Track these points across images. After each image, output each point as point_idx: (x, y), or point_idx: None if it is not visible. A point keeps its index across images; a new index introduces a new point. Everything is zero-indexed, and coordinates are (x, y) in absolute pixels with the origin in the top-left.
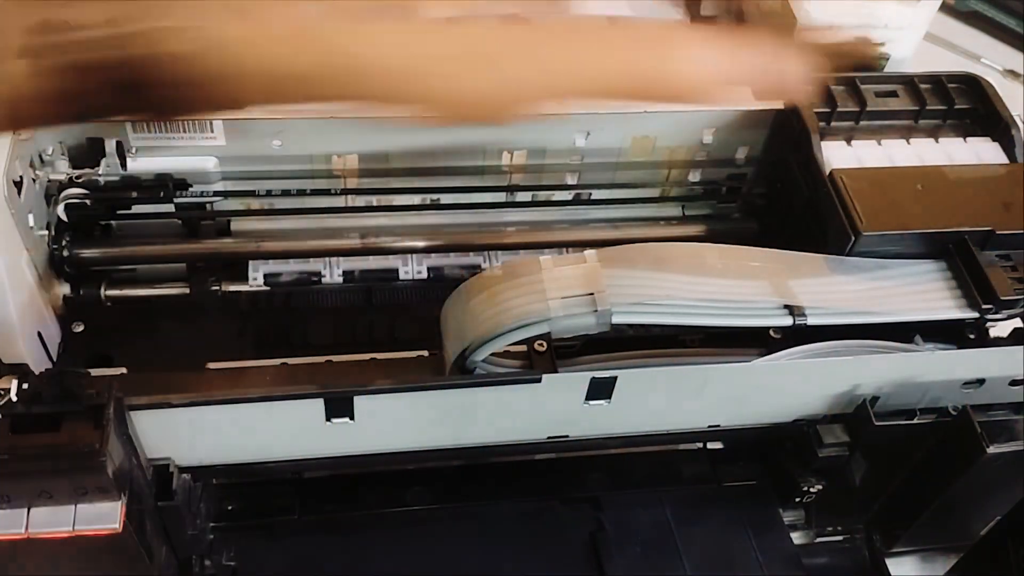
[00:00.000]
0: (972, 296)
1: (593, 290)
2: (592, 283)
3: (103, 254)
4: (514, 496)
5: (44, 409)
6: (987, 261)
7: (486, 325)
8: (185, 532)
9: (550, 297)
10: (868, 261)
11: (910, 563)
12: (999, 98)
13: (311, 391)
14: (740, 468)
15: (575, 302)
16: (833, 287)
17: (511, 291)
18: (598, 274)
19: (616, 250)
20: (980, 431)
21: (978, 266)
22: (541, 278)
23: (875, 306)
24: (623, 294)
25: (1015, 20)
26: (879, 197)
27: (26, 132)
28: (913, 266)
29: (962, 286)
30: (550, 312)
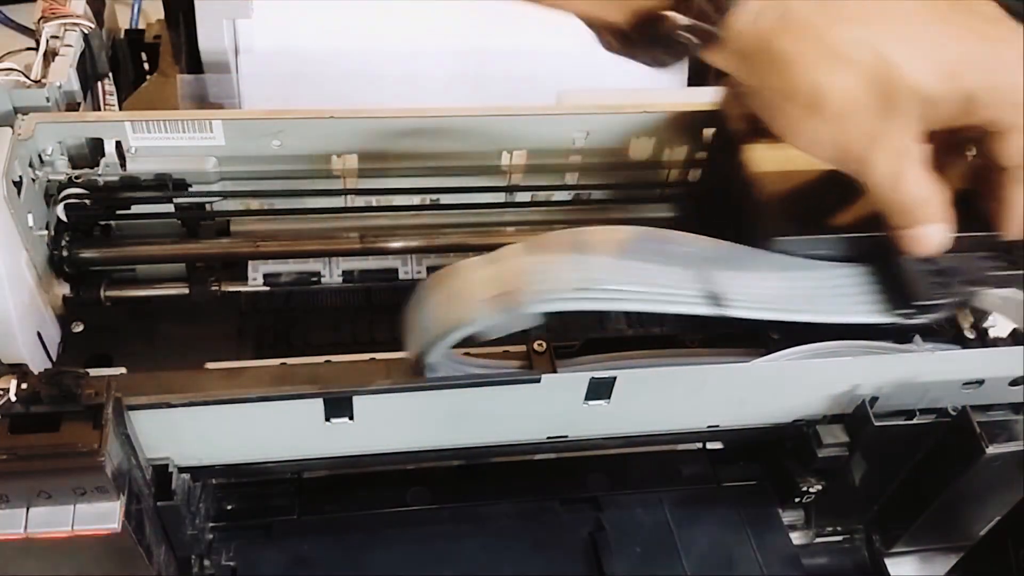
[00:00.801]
0: (893, 299)
1: (513, 287)
2: (512, 279)
3: (103, 254)
4: (514, 496)
5: (43, 409)
6: (909, 264)
7: (425, 335)
8: (184, 532)
9: (472, 300)
10: (797, 260)
11: (910, 563)
12: None
13: (310, 391)
14: (739, 468)
15: (496, 302)
16: (759, 281)
17: (436, 298)
18: (518, 269)
19: (539, 239)
20: (979, 431)
21: (899, 270)
22: (460, 283)
23: (799, 304)
24: (543, 287)
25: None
26: (801, 199)
27: (26, 132)
28: (839, 267)
29: (884, 289)
30: (473, 315)
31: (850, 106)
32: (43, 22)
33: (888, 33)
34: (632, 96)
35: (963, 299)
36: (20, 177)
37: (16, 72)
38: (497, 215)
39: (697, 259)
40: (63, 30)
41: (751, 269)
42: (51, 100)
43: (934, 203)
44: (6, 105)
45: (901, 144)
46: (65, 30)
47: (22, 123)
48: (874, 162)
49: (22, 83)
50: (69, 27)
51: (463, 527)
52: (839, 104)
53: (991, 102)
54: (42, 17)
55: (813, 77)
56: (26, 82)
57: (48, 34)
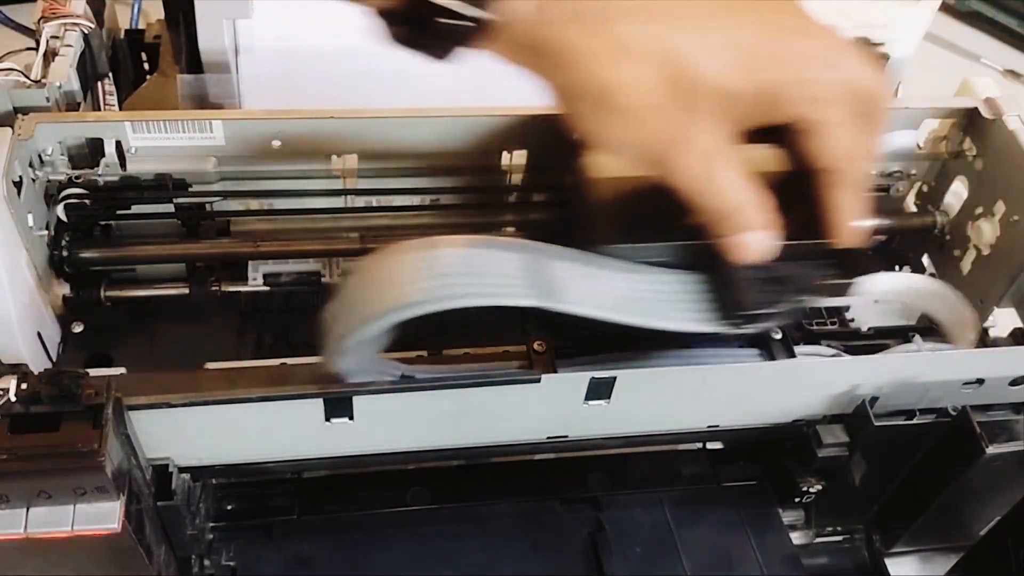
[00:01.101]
0: (722, 308)
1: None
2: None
3: (103, 254)
4: (514, 496)
5: (43, 409)
6: (739, 273)
7: (344, 329)
8: (184, 532)
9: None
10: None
11: (910, 563)
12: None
13: (310, 391)
14: (740, 468)
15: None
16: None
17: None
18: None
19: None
20: (980, 431)
21: (729, 278)
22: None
23: (629, 307)
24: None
25: (1015, 20)
26: (634, 205)
27: (26, 132)
28: (673, 274)
29: (714, 298)
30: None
31: (644, 103)
32: (43, 22)
33: (679, 26)
34: None
35: (793, 308)
36: (20, 177)
37: (16, 72)
38: (497, 215)
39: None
40: (63, 30)
41: (586, 271)
42: (51, 100)
43: (753, 208)
44: (6, 105)
45: (708, 144)
46: (65, 30)
47: (22, 123)
48: (680, 163)
49: (22, 83)
50: (69, 27)
51: (463, 527)
52: (633, 101)
53: (792, 97)
54: (42, 17)
55: (602, 73)
56: (26, 82)
57: (48, 34)
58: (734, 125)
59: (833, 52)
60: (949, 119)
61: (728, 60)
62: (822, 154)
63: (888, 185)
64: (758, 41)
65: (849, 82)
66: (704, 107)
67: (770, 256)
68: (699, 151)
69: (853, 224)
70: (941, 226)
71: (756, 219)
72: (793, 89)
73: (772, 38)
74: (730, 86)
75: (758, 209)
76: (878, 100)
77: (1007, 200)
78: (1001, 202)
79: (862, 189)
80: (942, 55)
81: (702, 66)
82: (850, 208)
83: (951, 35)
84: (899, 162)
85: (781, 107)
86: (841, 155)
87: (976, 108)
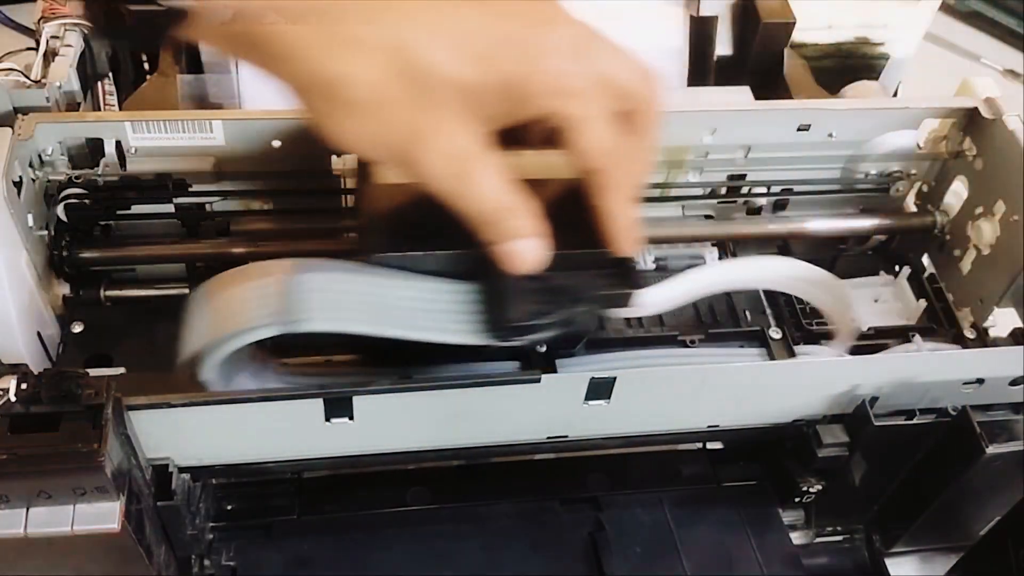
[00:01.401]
0: (491, 319)
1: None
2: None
3: (103, 254)
4: (514, 496)
5: (43, 409)
6: (512, 282)
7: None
8: (184, 532)
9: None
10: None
11: (910, 563)
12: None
13: (311, 391)
14: (740, 468)
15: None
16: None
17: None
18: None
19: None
20: (979, 431)
21: (501, 288)
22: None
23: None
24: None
25: (1015, 20)
26: (411, 214)
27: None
28: (441, 283)
29: (486, 308)
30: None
31: (374, 97)
32: (43, 22)
33: (409, 16)
34: None
35: (567, 318)
36: (20, 177)
37: (16, 72)
38: None
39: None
40: (63, 30)
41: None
42: (51, 100)
43: (519, 215)
44: (6, 105)
45: (457, 144)
46: (65, 30)
47: (22, 123)
48: (425, 162)
49: (22, 83)
50: (69, 27)
51: (463, 527)
52: (361, 95)
53: (535, 90)
54: (42, 17)
55: (327, 66)
56: (26, 82)
57: (48, 34)
58: (486, 123)
59: (584, 45)
60: (949, 119)
61: (463, 51)
62: (579, 153)
63: (888, 185)
64: (496, 31)
65: (603, 76)
66: (443, 102)
67: (543, 266)
68: (445, 150)
69: (628, 231)
70: (941, 226)
71: (523, 226)
72: (535, 81)
73: (512, 28)
74: (466, 79)
75: (525, 216)
76: (641, 98)
77: (1007, 200)
78: (1001, 202)
79: (632, 193)
80: (942, 55)
81: (434, 58)
82: (621, 214)
83: (951, 35)
84: (899, 162)
85: (527, 101)
86: (598, 153)
87: (976, 108)
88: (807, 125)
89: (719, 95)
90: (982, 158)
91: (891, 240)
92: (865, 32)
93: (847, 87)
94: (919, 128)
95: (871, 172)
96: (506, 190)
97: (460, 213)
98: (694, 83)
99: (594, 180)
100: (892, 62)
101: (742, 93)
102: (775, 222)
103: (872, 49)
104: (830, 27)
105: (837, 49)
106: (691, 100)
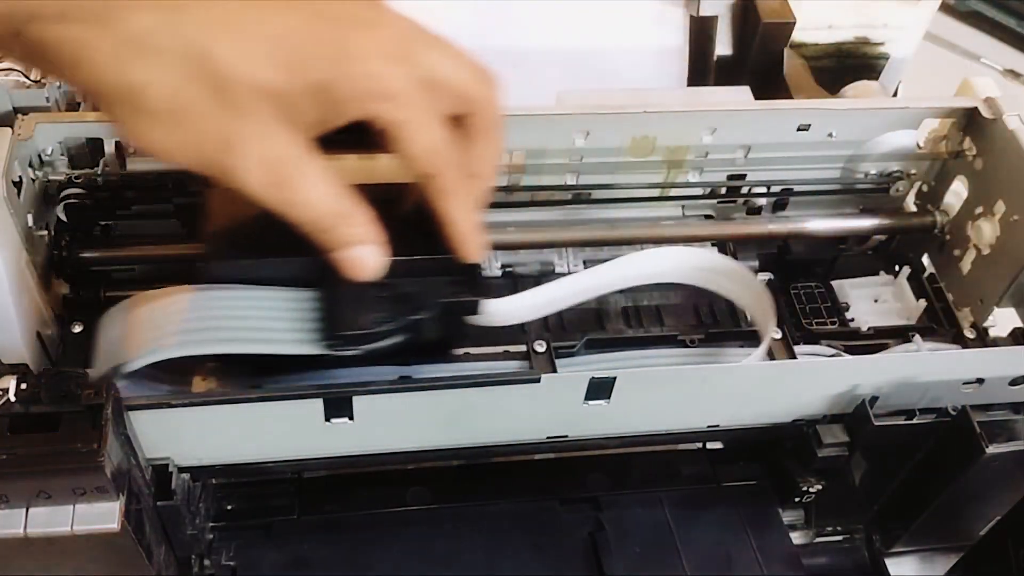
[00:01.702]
0: (326, 328)
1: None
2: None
3: (102, 254)
4: (514, 496)
5: (43, 409)
6: (353, 292)
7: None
8: (184, 532)
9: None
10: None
11: (910, 563)
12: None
13: (311, 391)
14: (739, 468)
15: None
16: (196, 319)
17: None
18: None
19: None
20: (979, 431)
21: (341, 296)
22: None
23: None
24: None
25: (1015, 20)
26: (251, 222)
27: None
28: (279, 293)
29: (325, 317)
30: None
31: (174, 105)
32: None
33: (209, 17)
34: (631, 96)
35: (408, 326)
36: (20, 177)
37: (16, 72)
38: (497, 215)
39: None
40: None
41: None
42: (51, 100)
43: (351, 221)
44: (6, 105)
45: (272, 152)
46: None
47: (22, 123)
48: (242, 171)
49: (22, 83)
50: None
51: (463, 527)
52: (165, 106)
53: (349, 95)
54: None
55: (122, 75)
56: (26, 82)
57: None
58: (305, 129)
59: (407, 46)
60: (949, 119)
61: (269, 56)
62: (408, 157)
63: (888, 185)
64: (306, 34)
65: (430, 78)
66: (252, 109)
67: (384, 273)
68: (261, 159)
69: (470, 237)
70: (941, 226)
71: (358, 233)
72: (346, 85)
73: (324, 30)
74: (273, 84)
75: (359, 222)
76: (477, 101)
77: (1007, 200)
78: (1001, 202)
79: (473, 199)
80: (942, 55)
81: (238, 63)
82: (462, 219)
83: (951, 35)
84: (899, 162)
85: (341, 106)
86: (427, 157)
87: (976, 108)
88: (807, 125)
89: (719, 95)
90: (982, 158)
91: (891, 240)
92: (865, 32)
93: (847, 87)
94: (919, 128)
95: (871, 172)
96: (335, 196)
97: (290, 219)
98: (694, 83)
99: (430, 185)
100: (892, 62)
101: (742, 93)
102: (775, 222)
103: (872, 49)
104: (830, 27)
105: (837, 49)
106: (691, 100)
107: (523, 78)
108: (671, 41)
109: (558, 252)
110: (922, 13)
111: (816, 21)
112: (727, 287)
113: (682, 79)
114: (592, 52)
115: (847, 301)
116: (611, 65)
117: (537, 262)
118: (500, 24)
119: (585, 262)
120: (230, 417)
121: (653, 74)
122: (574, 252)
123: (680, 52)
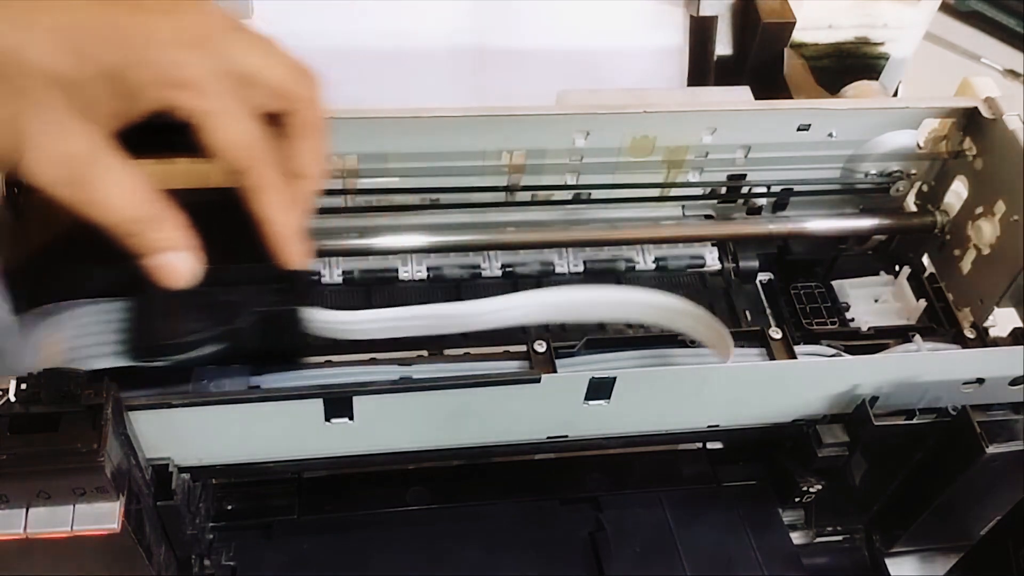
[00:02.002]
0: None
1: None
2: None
3: None
4: (514, 496)
5: (43, 409)
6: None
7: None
8: (184, 532)
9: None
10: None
11: (910, 563)
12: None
13: (311, 391)
14: (739, 468)
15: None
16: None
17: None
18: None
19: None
20: (980, 431)
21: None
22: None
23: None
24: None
25: (1015, 20)
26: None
27: None
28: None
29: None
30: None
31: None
32: None
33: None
34: (631, 96)
35: (224, 335)
36: None
37: None
38: (497, 215)
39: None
40: None
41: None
42: None
43: (159, 225)
44: None
45: (67, 147)
46: None
47: None
48: (35, 167)
49: None
50: None
51: (463, 527)
52: None
53: (143, 82)
54: None
55: None
56: None
57: None
58: (103, 121)
59: (212, 35)
60: (949, 119)
61: (57, 42)
62: (214, 150)
63: (888, 185)
64: (99, 20)
65: (236, 70)
66: (42, 100)
67: (199, 280)
68: (55, 154)
69: (289, 241)
70: (941, 226)
71: (167, 238)
72: (140, 73)
73: (119, 17)
74: (62, 72)
75: (167, 226)
76: (295, 98)
77: (1007, 200)
78: (1001, 202)
79: (292, 200)
80: (942, 55)
81: (21, 49)
82: (279, 221)
83: (951, 35)
84: (899, 162)
85: (137, 94)
86: (235, 150)
87: (976, 108)
88: (807, 125)
89: (719, 95)
90: (982, 158)
91: (891, 240)
92: (865, 32)
93: (847, 87)
94: (919, 128)
95: (871, 172)
96: (140, 198)
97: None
98: (694, 83)
99: (243, 182)
100: (892, 62)
101: (742, 93)
102: (775, 222)
103: (872, 49)
104: (830, 27)
105: (837, 49)
106: (691, 100)
107: (523, 78)
108: (671, 41)
109: (558, 252)
110: (922, 13)
111: (816, 21)
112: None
113: (682, 79)
114: (592, 52)
115: (847, 301)
116: (611, 65)
117: (537, 262)
118: (500, 24)
119: (585, 262)
120: (230, 417)
121: (653, 74)
122: (574, 252)
123: (680, 52)
